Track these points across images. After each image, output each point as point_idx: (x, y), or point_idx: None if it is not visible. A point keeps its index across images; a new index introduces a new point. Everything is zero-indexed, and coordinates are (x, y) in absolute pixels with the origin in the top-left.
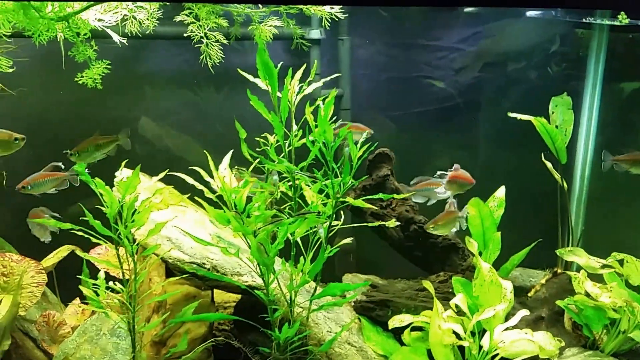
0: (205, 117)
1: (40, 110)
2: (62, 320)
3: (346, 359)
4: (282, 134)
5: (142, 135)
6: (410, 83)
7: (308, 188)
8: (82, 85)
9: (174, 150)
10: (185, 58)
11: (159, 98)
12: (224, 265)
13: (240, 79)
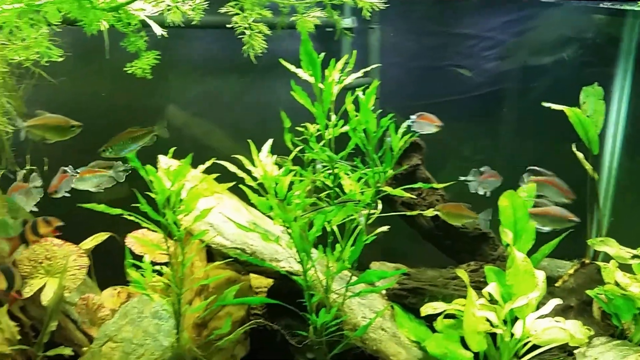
0: (232, 105)
1: (74, 98)
2: (100, 303)
3: (380, 344)
4: (324, 124)
5: (169, 122)
6: (439, 72)
7: (346, 177)
8: (115, 74)
9: (200, 138)
10: (214, 46)
11: (187, 86)
12: (263, 251)
13: (267, 67)
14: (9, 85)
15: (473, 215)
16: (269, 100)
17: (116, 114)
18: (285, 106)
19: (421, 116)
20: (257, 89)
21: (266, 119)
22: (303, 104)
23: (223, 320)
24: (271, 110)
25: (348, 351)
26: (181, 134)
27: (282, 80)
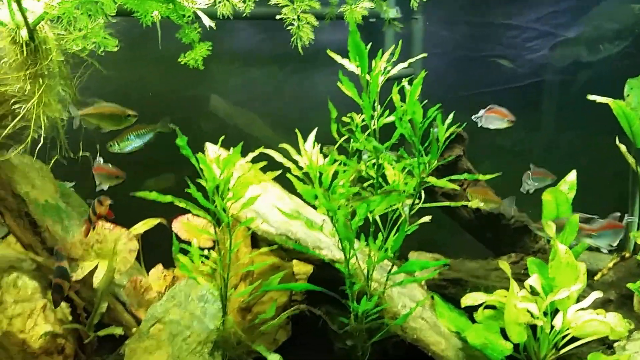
0: (273, 95)
1: (122, 87)
2: (148, 286)
3: (420, 333)
4: (369, 114)
5: (212, 112)
6: (481, 62)
7: (390, 167)
8: (160, 63)
9: (242, 127)
10: (257, 37)
11: (230, 76)
12: (306, 239)
13: (307, 58)
14: (64, 74)
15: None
16: (310, 91)
17: (161, 102)
18: (325, 96)
19: (491, 110)
20: (297, 79)
21: (306, 108)
22: (348, 95)
23: (267, 305)
24: (311, 100)
25: (387, 339)
26: (224, 123)
27: (322, 71)
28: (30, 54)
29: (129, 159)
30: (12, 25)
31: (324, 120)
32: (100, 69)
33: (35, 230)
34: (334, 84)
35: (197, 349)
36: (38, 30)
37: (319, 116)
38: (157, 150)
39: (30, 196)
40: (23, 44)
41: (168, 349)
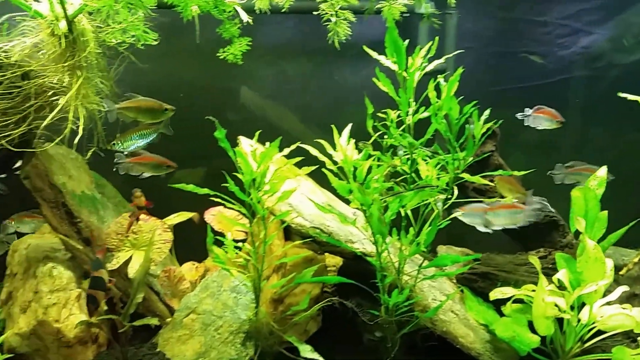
0: (304, 88)
1: (156, 79)
2: (181, 276)
3: (449, 325)
4: (406, 110)
5: (242, 103)
6: (513, 58)
7: (424, 162)
8: (193, 55)
9: (271, 119)
10: (289, 31)
11: (260, 69)
12: (338, 232)
13: (339, 52)
14: (101, 66)
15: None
16: (340, 84)
17: (194, 94)
18: (354, 89)
19: (540, 110)
20: (327, 72)
21: (336, 102)
22: (383, 90)
23: (299, 297)
24: (341, 94)
25: (416, 331)
26: (254, 116)
27: (352, 64)
28: (69, 46)
29: (159, 152)
30: (51, 17)
31: (353, 113)
32: (135, 62)
33: (71, 220)
34: (363, 77)
35: (230, 338)
36: (76, 22)
37: (348, 109)
38: (186, 142)
39: (67, 187)
40: (61, 35)
41: (201, 338)
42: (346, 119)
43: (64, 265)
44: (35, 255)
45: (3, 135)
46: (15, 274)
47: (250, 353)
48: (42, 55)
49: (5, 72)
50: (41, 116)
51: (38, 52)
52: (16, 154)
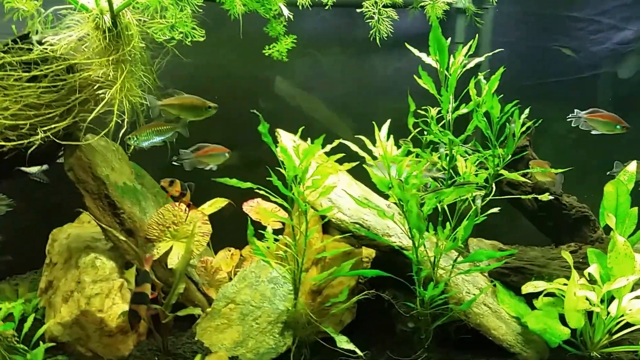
0: (338, 81)
1: (196, 72)
2: (218, 266)
3: (482, 318)
4: (447, 107)
5: (275, 94)
6: (547, 53)
7: (462, 159)
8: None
9: (305, 110)
10: (323, 24)
11: (296, 60)
12: (376, 226)
13: (374, 46)
14: (144, 60)
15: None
16: (374, 77)
17: (231, 85)
18: (388, 83)
19: (596, 113)
20: (362, 67)
21: (370, 96)
22: (425, 87)
23: (336, 289)
24: (375, 87)
25: (450, 323)
26: (288, 107)
27: (386, 58)
28: (113, 39)
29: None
30: (96, 11)
31: (387, 107)
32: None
33: (114, 212)
34: (399, 71)
35: (268, 328)
36: (120, 16)
37: (382, 103)
38: (212, 133)
39: (110, 179)
40: (106, 29)
41: (239, 327)
42: (380, 111)
43: (106, 255)
44: (76, 245)
45: (49, 127)
46: (55, 263)
47: (288, 343)
48: (86, 49)
49: (51, 65)
50: (86, 109)
51: (82, 46)
52: (59, 146)
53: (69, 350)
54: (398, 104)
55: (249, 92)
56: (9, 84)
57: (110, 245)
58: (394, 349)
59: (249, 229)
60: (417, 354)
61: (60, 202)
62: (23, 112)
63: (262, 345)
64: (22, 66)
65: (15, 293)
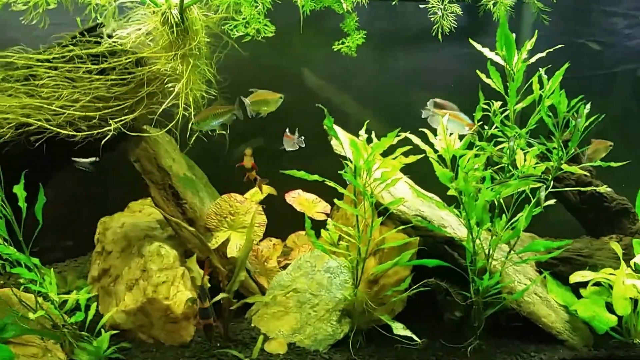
0: (376, 75)
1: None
2: (269, 255)
3: (533, 306)
4: (513, 102)
5: (306, 86)
6: (582, 47)
7: (521, 152)
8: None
9: (334, 103)
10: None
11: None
12: (432, 217)
13: (410, 39)
14: (206, 54)
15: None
16: (411, 70)
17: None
18: (424, 76)
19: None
20: (396, 60)
21: (404, 90)
22: (487, 82)
23: (392, 278)
24: (413, 80)
25: (500, 312)
26: (318, 99)
27: (425, 51)
28: (180, 34)
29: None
30: (165, 6)
31: (418, 100)
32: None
33: (177, 202)
34: (436, 64)
35: (325, 316)
36: (188, 11)
37: (419, 96)
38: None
39: (172, 170)
40: (174, 24)
41: (296, 315)
42: (417, 105)
43: (167, 244)
44: (135, 234)
45: (119, 119)
46: (110, 251)
47: (345, 330)
48: (152, 43)
49: (120, 58)
50: (154, 102)
51: (149, 40)
52: (121, 138)
53: (129, 337)
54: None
55: (277, 84)
56: (78, 76)
57: (167, 234)
58: (444, 337)
59: (307, 222)
60: (469, 341)
61: (90, 193)
62: (92, 104)
63: (319, 332)
64: (91, 59)
65: (63, 280)
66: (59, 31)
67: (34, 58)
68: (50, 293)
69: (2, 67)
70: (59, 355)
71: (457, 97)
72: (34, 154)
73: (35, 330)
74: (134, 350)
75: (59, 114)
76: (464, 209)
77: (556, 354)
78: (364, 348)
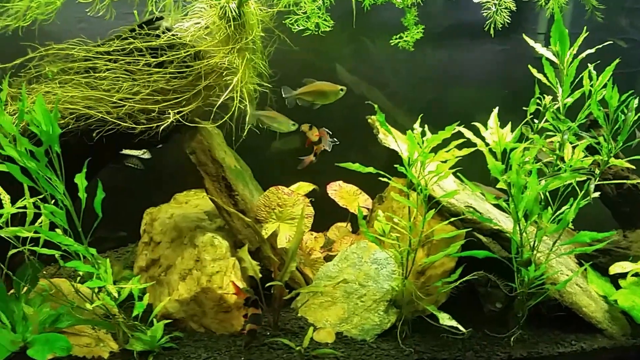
0: (408, 70)
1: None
2: (313, 247)
3: (575, 297)
4: (565, 96)
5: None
6: (612, 45)
7: (570, 145)
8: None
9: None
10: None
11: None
12: (480, 210)
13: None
14: (260, 49)
15: None
16: (445, 66)
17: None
18: (460, 72)
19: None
20: (434, 54)
21: (437, 86)
22: (546, 78)
23: (438, 269)
24: (447, 76)
25: (541, 302)
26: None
27: (458, 47)
28: (237, 28)
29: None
30: (224, 0)
31: (459, 96)
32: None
33: (230, 193)
34: (470, 60)
35: (373, 306)
36: (244, 5)
37: (454, 92)
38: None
39: (225, 162)
40: (231, 18)
41: (343, 305)
42: (452, 101)
43: (219, 234)
44: (186, 225)
45: (177, 111)
46: (159, 242)
47: (392, 319)
48: (207, 37)
49: (179, 52)
50: (211, 95)
51: (205, 33)
52: (175, 130)
53: (180, 327)
54: (463, 93)
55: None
56: (137, 69)
57: (216, 225)
58: (486, 327)
59: (359, 213)
60: (512, 330)
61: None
62: (151, 97)
63: (367, 321)
64: (149, 52)
65: None
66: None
67: (94, 51)
68: (106, 283)
69: (62, 59)
70: (111, 345)
71: (493, 93)
72: (87, 146)
73: (91, 320)
74: (185, 339)
75: (118, 106)
76: (513, 201)
77: (595, 342)
78: (409, 337)
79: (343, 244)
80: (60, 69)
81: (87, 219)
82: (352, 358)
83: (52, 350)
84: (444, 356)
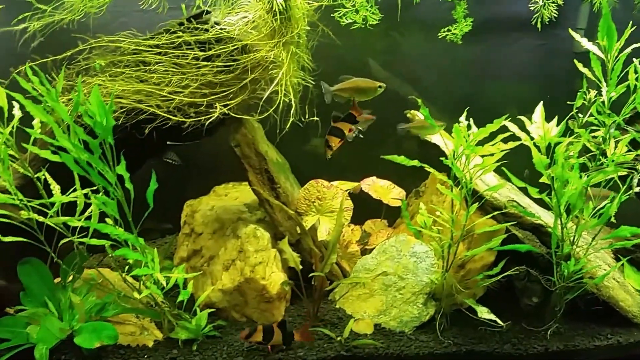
0: (443, 65)
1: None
2: (350, 240)
3: (612, 291)
4: (612, 90)
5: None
6: None
7: (613, 140)
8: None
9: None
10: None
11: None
12: (521, 204)
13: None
14: (304, 43)
15: None
16: (479, 62)
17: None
18: (493, 68)
19: None
20: (468, 49)
21: (470, 82)
22: (592, 73)
23: (477, 263)
24: (479, 72)
25: (579, 296)
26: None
27: (492, 42)
28: (284, 22)
29: None
30: None
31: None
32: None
33: (272, 186)
34: (506, 56)
35: (412, 299)
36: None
37: (486, 88)
38: None
39: (268, 155)
40: (277, 12)
41: (382, 297)
42: (484, 96)
43: (262, 226)
44: (228, 216)
45: (224, 104)
46: (200, 233)
47: (431, 312)
48: (253, 31)
49: (227, 45)
50: (257, 88)
51: (251, 27)
52: (219, 123)
53: (222, 316)
54: (498, 89)
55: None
56: (186, 63)
57: (256, 217)
58: (523, 320)
59: (403, 204)
60: (549, 324)
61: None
62: (199, 91)
63: (405, 314)
64: (198, 45)
65: None
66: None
67: (143, 44)
68: (154, 272)
69: (111, 52)
70: (155, 334)
71: (530, 89)
72: (135, 139)
73: (137, 309)
74: (228, 328)
75: (167, 99)
76: (555, 195)
77: (631, 336)
78: (447, 330)
79: (379, 238)
80: (109, 61)
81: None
82: (391, 349)
83: (99, 338)
84: (482, 348)
